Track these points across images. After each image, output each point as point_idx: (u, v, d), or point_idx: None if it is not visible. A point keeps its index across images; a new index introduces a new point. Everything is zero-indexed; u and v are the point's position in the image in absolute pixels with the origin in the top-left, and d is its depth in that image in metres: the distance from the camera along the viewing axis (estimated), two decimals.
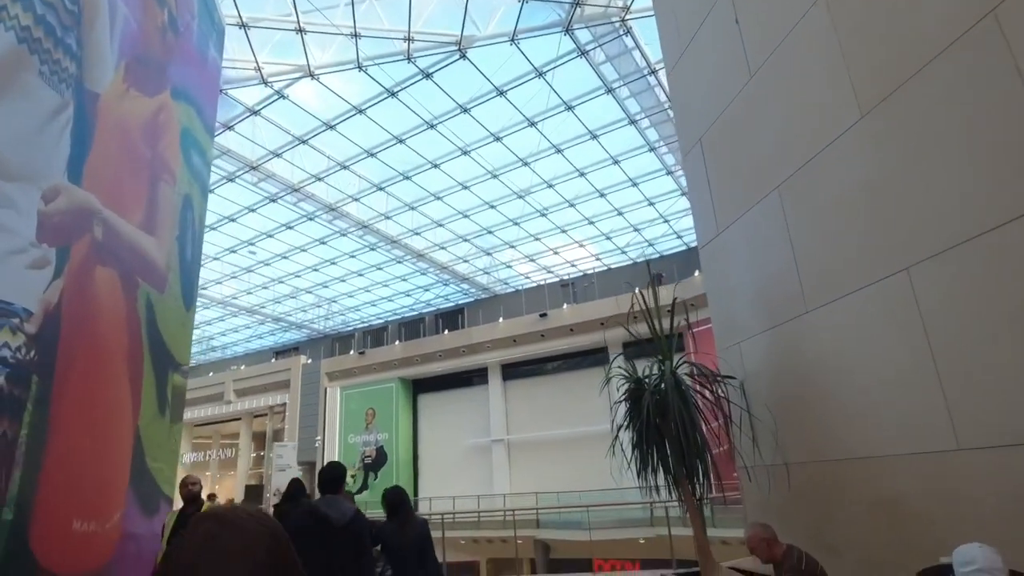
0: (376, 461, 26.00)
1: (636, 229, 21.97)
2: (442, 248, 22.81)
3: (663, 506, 9.14)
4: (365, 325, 31.18)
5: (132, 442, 4.62)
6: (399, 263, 23.83)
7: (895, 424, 3.03)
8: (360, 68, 13.66)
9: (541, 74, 13.94)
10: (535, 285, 26.82)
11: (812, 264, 3.65)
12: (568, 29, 12.75)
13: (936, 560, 2.32)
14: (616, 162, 17.54)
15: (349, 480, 25.72)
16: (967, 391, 2.66)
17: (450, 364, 25.59)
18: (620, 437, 4.07)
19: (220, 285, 25.43)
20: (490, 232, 21.78)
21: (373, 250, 22.47)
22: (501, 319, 24.92)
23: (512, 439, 24.18)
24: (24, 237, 3.26)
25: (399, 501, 4.03)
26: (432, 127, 15.62)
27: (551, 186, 18.65)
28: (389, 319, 30.48)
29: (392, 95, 14.40)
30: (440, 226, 21.18)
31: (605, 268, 25.37)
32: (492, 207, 19.83)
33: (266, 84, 14.15)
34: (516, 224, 21.06)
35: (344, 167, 17.54)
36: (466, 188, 18.60)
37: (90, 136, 3.96)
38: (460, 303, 28.69)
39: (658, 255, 23.95)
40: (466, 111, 15.06)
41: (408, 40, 12.97)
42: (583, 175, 18.08)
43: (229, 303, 27.21)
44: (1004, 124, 2.50)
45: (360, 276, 24.99)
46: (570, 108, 15.17)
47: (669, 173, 18.36)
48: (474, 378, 25.85)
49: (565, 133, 16.26)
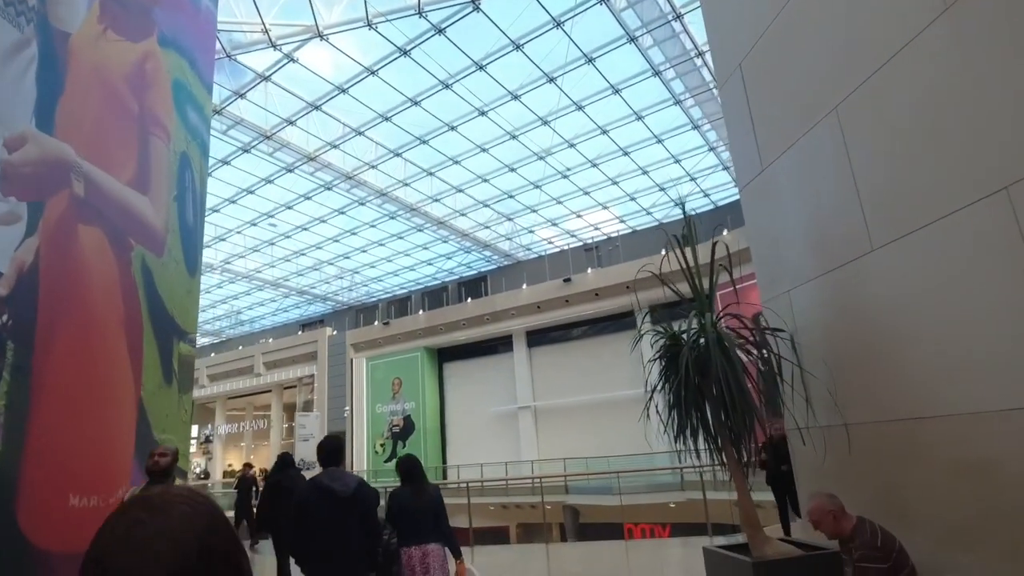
0: (404, 430, 26.19)
1: (661, 188, 21.20)
2: (462, 215, 22.37)
3: (697, 470, 8.80)
4: (388, 295, 31.14)
5: (135, 413, 4.37)
6: (420, 231, 23.50)
7: (987, 375, 2.56)
8: (370, 26, 13.11)
9: (559, 24, 13.21)
10: (558, 250, 26.30)
11: (878, 194, 3.14)
12: None
13: None
14: (640, 118, 16.76)
15: (378, 449, 26.04)
16: None
17: (474, 332, 25.42)
18: (655, 399, 3.68)
19: (244, 259, 25.50)
20: (511, 196, 21.24)
21: (393, 219, 22.16)
22: (524, 285, 24.54)
23: (539, 406, 24.04)
24: None
25: (412, 467, 4.17)
26: (447, 87, 15.04)
27: (572, 145, 17.97)
28: (412, 289, 30.36)
29: (404, 54, 13.84)
30: (460, 191, 20.71)
31: (630, 230, 24.67)
32: (512, 170, 19.26)
33: (275, 47, 13.70)
34: (537, 187, 20.47)
35: (359, 133, 17.11)
36: (484, 151, 18.04)
37: (60, 80, 3.58)
38: (483, 271, 28.36)
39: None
40: (482, 68, 14.43)
41: None
42: (605, 132, 17.36)
43: (254, 277, 27.33)
44: None
45: (381, 246, 24.77)
46: (591, 61, 14.41)
47: (696, 127, 17.51)
48: (499, 346, 25.68)
49: (586, 88, 15.53)
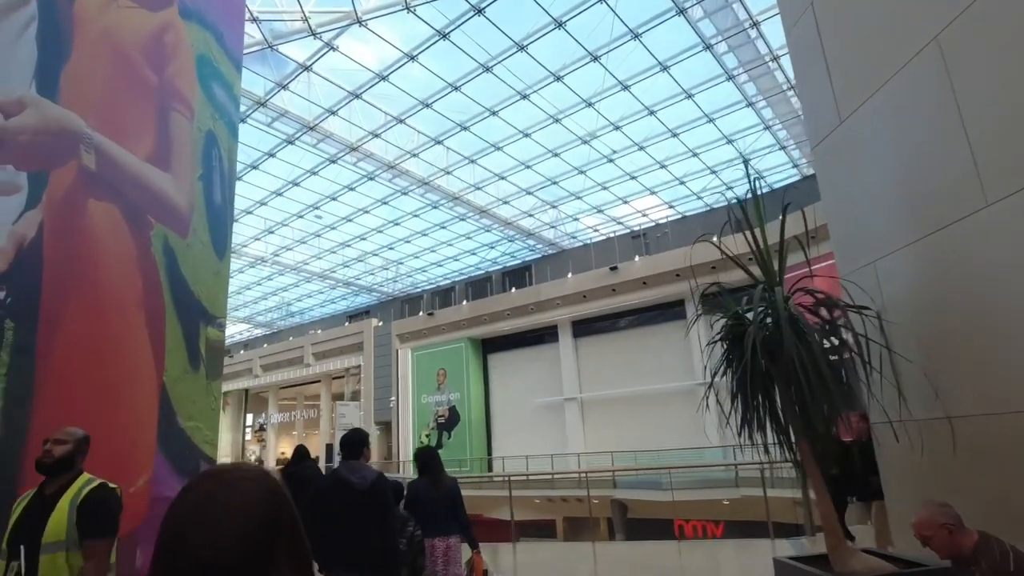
0: (449, 421, 26.16)
1: (712, 171, 20.24)
2: (505, 203, 22.01)
3: (758, 467, 8.20)
4: (433, 286, 31.17)
5: (157, 398, 4.19)
6: (462, 220, 23.29)
7: None
8: (408, 9, 12.85)
9: None
10: (604, 238, 25.62)
11: (993, 138, 2.57)
12: None
13: None
14: (689, 96, 15.95)
15: (424, 439, 26.12)
16: None
17: (519, 322, 25.07)
18: (715, 385, 3.21)
19: (292, 251, 25.93)
20: (555, 183, 20.72)
21: (436, 208, 22.01)
22: (570, 274, 24.01)
23: (585, 397, 23.54)
24: None
25: (429, 459, 4.20)
26: (488, 70, 14.66)
27: (618, 128, 17.31)
28: (456, 279, 30.28)
29: (444, 37, 13.53)
30: (502, 179, 20.35)
31: (679, 216, 23.76)
32: (555, 155, 18.75)
33: (315, 36, 13.63)
34: (582, 172, 19.89)
35: (400, 121, 16.96)
36: (527, 136, 17.60)
37: (65, 45, 3.37)
38: (527, 260, 27.97)
39: (737, 200, 22.07)
40: (523, 49, 13.97)
41: None
42: (652, 113, 16.62)
43: (302, 269, 27.79)
44: None
45: (424, 236, 24.71)
46: (637, 36, 13.74)
47: (750, 104, 16.56)
48: (544, 336, 25.25)
49: (632, 66, 14.86)
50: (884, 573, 2.61)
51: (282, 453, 34.59)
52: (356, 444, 3.41)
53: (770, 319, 3.12)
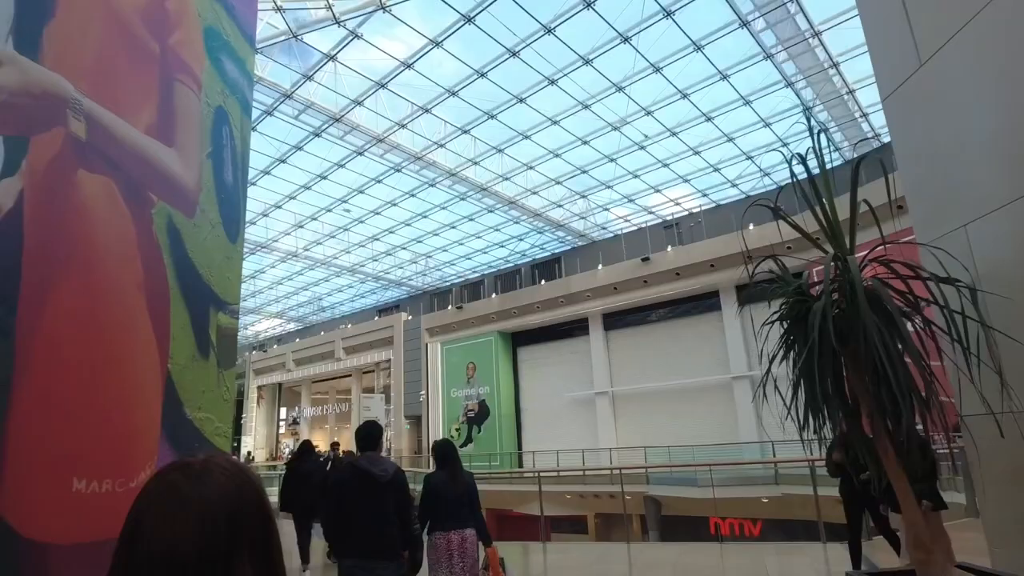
0: (479, 414, 25.94)
1: (749, 157, 19.45)
2: (534, 193, 21.58)
3: (806, 464, 7.65)
4: (461, 280, 30.97)
5: (161, 387, 3.93)
6: (491, 212, 22.94)
7: None
8: None
9: None
10: (635, 228, 24.98)
11: None
12: None
13: None
14: (724, 77, 15.26)
15: (454, 433, 25.96)
16: None
17: (548, 315, 24.66)
18: (773, 372, 2.78)
19: (322, 246, 26.00)
20: (584, 172, 20.20)
21: (463, 200, 21.71)
22: (600, 266, 23.47)
23: (616, 391, 23.02)
24: None
25: (447, 452, 4.21)
26: (515, 55, 14.25)
27: (649, 113, 16.70)
28: (485, 272, 30.01)
29: (469, 20, 13.16)
30: (530, 169, 19.92)
31: (713, 205, 22.97)
32: (585, 143, 18.24)
33: (339, 23, 13.42)
34: (612, 161, 19.33)
35: (426, 110, 16.68)
36: (555, 123, 17.14)
37: (47, 1, 3.08)
38: (556, 252, 27.51)
39: (775, 186, 21.19)
40: (550, 31, 13.52)
41: None
42: (686, 96, 15.96)
43: (331, 263, 27.88)
44: None
45: (453, 228, 24.46)
46: (669, 15, 13.14)
47: (789, 85, 15.76)
48: (575, 329, 24.80)
49: (664, 48, 14.25)
50: None
51: (316, 447, 34.96)
52: (371, 437, 3.56)
53: (835, 295, 2.67)
